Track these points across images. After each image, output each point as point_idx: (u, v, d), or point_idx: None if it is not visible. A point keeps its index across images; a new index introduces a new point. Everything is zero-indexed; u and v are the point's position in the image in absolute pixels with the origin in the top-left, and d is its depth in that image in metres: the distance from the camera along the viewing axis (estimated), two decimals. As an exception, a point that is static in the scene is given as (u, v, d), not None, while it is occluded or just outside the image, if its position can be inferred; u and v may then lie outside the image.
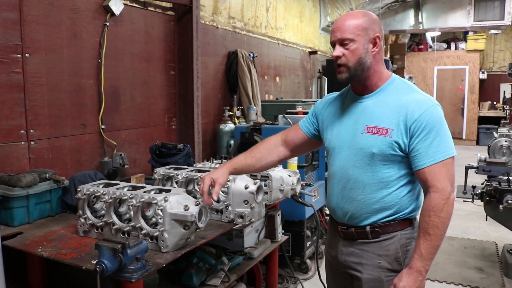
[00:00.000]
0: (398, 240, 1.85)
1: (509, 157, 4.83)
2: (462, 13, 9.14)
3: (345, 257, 1.94)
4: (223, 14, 5.05)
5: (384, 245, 1.85)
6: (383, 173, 1.79)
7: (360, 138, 1.81)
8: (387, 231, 1.84)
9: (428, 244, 1.70)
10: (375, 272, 1.86)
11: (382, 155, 1.77)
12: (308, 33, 7.90)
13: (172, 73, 4.14)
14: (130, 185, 2.40)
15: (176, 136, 4.22)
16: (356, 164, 1.83)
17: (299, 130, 2.11)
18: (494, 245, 4.87)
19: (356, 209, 1.85)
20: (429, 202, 1.71)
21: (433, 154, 1.70)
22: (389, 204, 1.81)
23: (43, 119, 2.90)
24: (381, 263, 1.85)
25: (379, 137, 1.76)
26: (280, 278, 3.78)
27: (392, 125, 1.75)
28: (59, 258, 2.03)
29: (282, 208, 3.44)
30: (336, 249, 1.98)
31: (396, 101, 1.78)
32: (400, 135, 1.74)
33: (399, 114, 1.74)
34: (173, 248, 2.11)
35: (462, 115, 13.10)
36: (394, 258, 1.85)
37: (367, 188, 1.82)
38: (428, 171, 1.71)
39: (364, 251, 1.88)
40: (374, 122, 1.79)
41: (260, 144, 2.13)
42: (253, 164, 2.06)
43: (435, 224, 1.69)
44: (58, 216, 2.69)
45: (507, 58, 13.34)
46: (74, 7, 3.08)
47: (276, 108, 5.10)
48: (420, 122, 1.71)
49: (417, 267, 1.71)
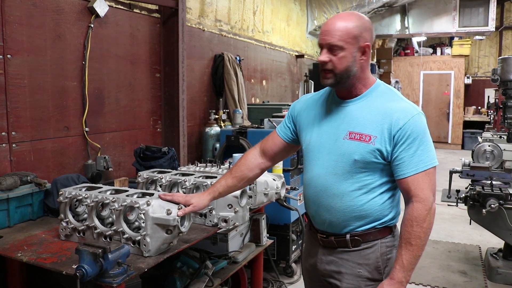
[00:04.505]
0: (379, 248, 1.82)
1: (492, 161, 4.88)
2: (447, 18, 9.24)
3: (325, 266, 1.90)
4: (210, 17, 5.04)
5: (364, 254, 1.82)
6: (363, 180, 1.76)
7: (341, 144, 1.77)
8: (367, 240, 1.81)
9: (410, 254, 1.68)
10: (354, 281, 1.83)
11: (364, 162, 1.73)
12: (295, 37, 7.92)
13: (157, 76, 4.11)
14: (113, 189, 2.37)
15: (161, 139, 4.19)
16: (336, 171, 1.78)
17: (276, 137, 2.07)
18: (477, 248, 4.92)
19: (335, 217, 1.81)
20: (411, 212, 1.69)
21: (416, 163, 1.69)
22: (368, 212, 1.78)
23: (25, 121, 2.85)
24: (361, 272, 1.83)
25: (361, 143, 1.73)
26: (265, 282, 3.77)
27: (376, 132, 1.72)
28: (39, 263, 2.00)
29: (267, 212, 3.43)
30: (316, 258, 1.95)
31: (381, 107, 1.75)
32: (383, 143, 1.71)
33: (384, 122, 1.71)
34: (155, 252, 2.09)
35: (448, 120, 13.24)
36: (374, 267, 1.83)
37: (346, 195, 1.78)
38: (411, 181, 1.69)
39: (344, 260, 1.85)
40: (357, 128, 1.75)
41: (240, 161, 2.09)
42: (235, 184, 2.05)
43: (418, 234, 1.67)
44: (39, 220, 2.66)
45: (491, 63, 13.52)
46: (57, 8, 3.05)
47: (262, 112, 5.11)
48: (404, 131, 1.69)
49: (399, 278, 1.69)
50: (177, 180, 2.76)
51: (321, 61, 1.74)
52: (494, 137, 5.39)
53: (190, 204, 2.01)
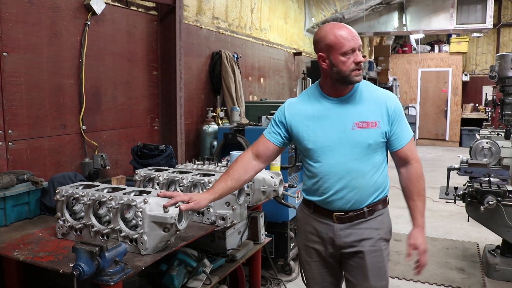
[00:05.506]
0: (387, 214, 2.22)
1: (490, 158, 4.89)
2: (445, 16, 9.24)
3: (344, 239, 2.13)
4: (207, 14, 5.02)
5: (379, 220, 2.15)
6: (375, 159, 2.09)
7: (352, 133, 2.03)
8: (378, 208, 2.15)
9: (423, 203, 2.13)
10: (375, 244, 2.14)
11: (376, 144, 2.06)
12: (293, 34, 7.91)
13: (154, 73, 4.10)
14: (110, 187, 2.36)
15: (158, 137, 4.18)
16: (355, 157, 2.05)
17: (268, 142, 2.21)
18: (475, 245, 4.92)
19: (359, 195, 2.09)
20: (414, 171, 2.11)
21: (405, 134, 2.10)
22: (379, 185, 2.12)
23: (21, 119, 2.84)
24: (380, 235, 2.15)
25: (371, 129, 2.04)
26: (263, 280, 3.77)
27: (378, 117, 2.05)
28: (36, 262, 1.99)
29: (265, 210, 3.42)
30: (328, 236, 2.15)
31: (370, 97, 2.08)
32: (385, 125, 2.06)
33: (380, 107, 2.06)
34: (152, 250, 2.08)
35: (446, 117, 13.25)
36: (388, 230, 2.20)
37: (366, 175, 2.07)
38: (407, 148, 2.10)
39: (363, 229, 2.13)
40: (361, 118, 2.04)
41: (235, 164, 2.20)
42: (234, 185, 2.17)
43: (423, 187, 2.14)
44: (36, 219, 2.64)
45: (489, 61, 13.52)
46: (54, 5, 3.03)
47: (260, 109, 5.09)
48: (396, 111, 2.07)
49: (422, 223, 2.12)
50: (175, 178, 2.75)
51: (361, 61, 2.00)
52: (492, 134, 5.40)
53: (192, 201, 2.04)
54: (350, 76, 2.00)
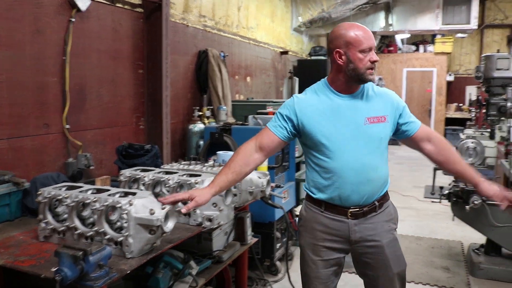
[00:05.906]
0: (392, 204, 2.34)
1: (475, 158, 4.93)
2: (430, 16, 9.32)
3: (360, 234, 2.19)
4: (194, 12, 4.97)
5: (387, 212, 2.26)
6: (384, 152, 2.22)
7: (365, 128, 2.11)
8: (385, 200, 2.27)
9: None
10: (390, 235, 2.24)
11: (386, 138, 2.18)
12: (280, 33, 7.89)
13: (140, 72, 4.04)
14: (94, 188, 2.31)
15: (144, 137, 4.13)
16: (369, 151, 2.13)
17: (273, 135, 2.18)
18: (460, 244, 4.96)
19: (372, 187, 2.17)
20: (442, 142, 2.27)
21: (415, 119, 2.27)
22: (386, 178, 2.24)
23: (2, 118, 2.77)
24: (391, 226, 2.27)
25: (381, 124, 2.14)
26: (250, 280, 3.74)
27: (386, 112, 2.17)
28: (16, 266, 1.94)
29: (251, 210, 3.39)
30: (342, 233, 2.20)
31: (376, 94, 2.20)
32: (392, 118, 2.19)
33: (387, 102, 2.19)
34: (138, 253, 2.04)
35: (430, 117, 13.36)
36: (396, 219, 2.33)
37: (378, 168, 2.17)
38: (423, 128, 2.26)
39: (376, 222, 2.21)
40: (371, 113, 2.13)
41: (236, 156, 2.16)
42: (235, 178, 2.14)
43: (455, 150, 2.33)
44: (17, 221, 2.58)
45: (472, 61, 13.67)
46: (37, 1, 2.96)
47: (246, 108, 5.06)
48: (401, 105, 2.24)
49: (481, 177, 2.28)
50: (160, 178, 2.71)
51: (376, 60, 2.08)
52: (476, 134, 5.44)
53: (193, 198, 1.98)
54: (365, 74, 2.07)
